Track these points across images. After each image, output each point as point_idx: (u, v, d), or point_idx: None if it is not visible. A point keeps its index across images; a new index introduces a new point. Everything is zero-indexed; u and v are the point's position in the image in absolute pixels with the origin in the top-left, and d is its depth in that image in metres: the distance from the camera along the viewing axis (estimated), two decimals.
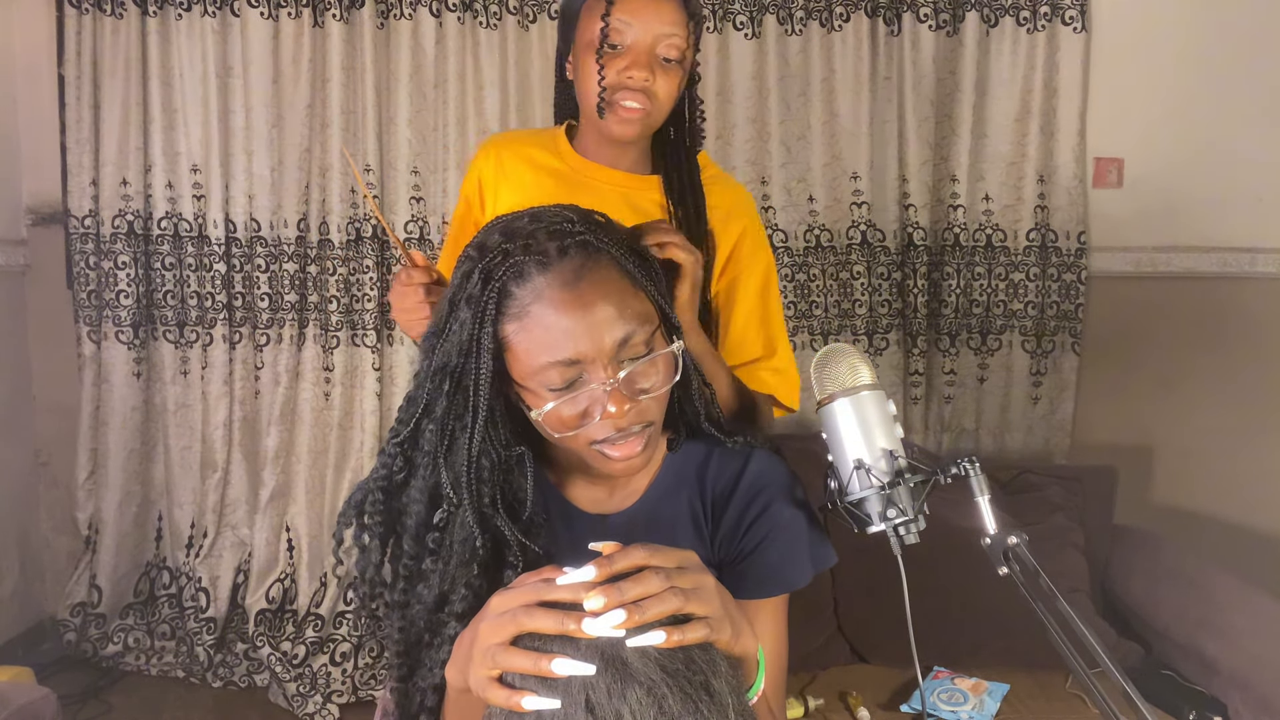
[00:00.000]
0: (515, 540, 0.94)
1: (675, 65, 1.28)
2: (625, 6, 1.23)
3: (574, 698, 0.70)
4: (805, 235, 2.80)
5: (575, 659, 0.70)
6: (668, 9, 1.25)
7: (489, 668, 0.74)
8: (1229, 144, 2.83)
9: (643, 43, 1.25)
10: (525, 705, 0.71)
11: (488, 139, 1.45)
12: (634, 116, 1.27)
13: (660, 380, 0.94)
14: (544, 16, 2.72)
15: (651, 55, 1.25)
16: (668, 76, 1.27)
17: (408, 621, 0.95)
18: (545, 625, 0.72)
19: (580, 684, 0.70)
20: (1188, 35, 2.80)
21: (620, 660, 0.71)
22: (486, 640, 0.74)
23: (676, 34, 1.25)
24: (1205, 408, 2.89)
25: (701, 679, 0.72)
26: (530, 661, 0.72)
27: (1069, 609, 0.90)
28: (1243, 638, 2.12)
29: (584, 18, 1.28)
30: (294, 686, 2.65)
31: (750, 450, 1.06)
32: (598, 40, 1.25)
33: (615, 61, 1.25)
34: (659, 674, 0.71)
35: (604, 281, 0.91)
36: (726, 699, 0.73)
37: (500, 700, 0.73)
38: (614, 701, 0.69)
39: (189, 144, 2.77)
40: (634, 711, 0.69)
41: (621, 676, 0.70)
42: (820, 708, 2.16)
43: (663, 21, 1.25)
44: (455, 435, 0.94)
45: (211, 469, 2.86)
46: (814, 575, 1.05)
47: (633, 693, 0.70)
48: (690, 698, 0.71)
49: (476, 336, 0.91)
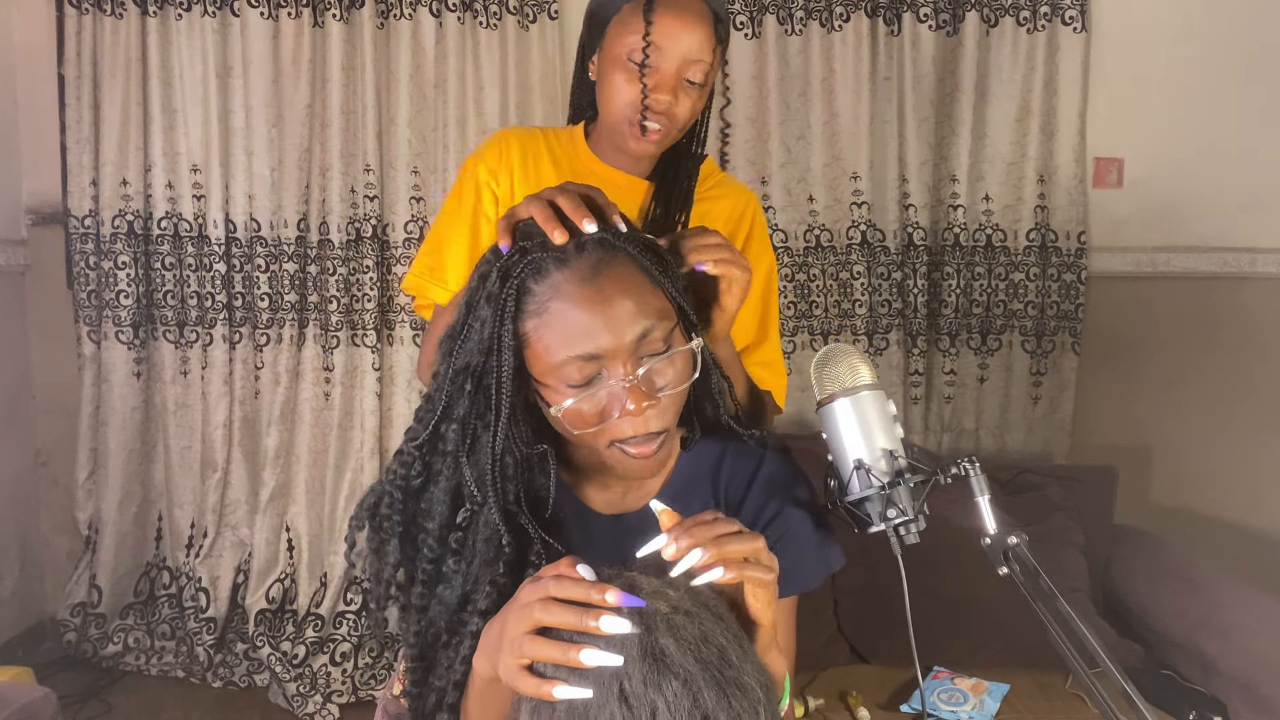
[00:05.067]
0: (539, 537, 0.94)
1: (699, 88, 1.28)
2: (659, 30, 1.23)
3: (607, 687, 0.70)
4: (805, 235, 2.80)
5: (605, 650, 0.70)
6: (699, 34, 1.25)
7: (517, 656, 0.74)
8: (1229, 144, 2.83)
9: (670, 67, 1.25)
10: (556, 694, 0.71)
11: (502, 131, 1.45)
12: (653, 139, 1.29)
13: (679, 377, 0.94)
14: (544, 16, 2.72)
15: (678, 79, 1.26)
16: (690, 99, 1.28)
17: (426, 624, 0.95)
18: (563, 620, 0.73)
19: (614, 673, 0.70)
20: (1188, 35, 2.80)
21: (658, 650, 0.70)
22: (514, 629, 0.75)
23: (704, 60, 1.26)
24: (1205, 408, 2.89)
25: (735, 674, 0.72)
26: (559, 651, 0.72)
27: (1069, 609, 0.90)
28: (1243, 638, 2.12)
29: (614, 28, 1.28)
30: (294, 686, 2.65)
31: (763, 451, 1.07)
32: (627, 57, 1.26)
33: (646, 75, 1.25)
34: (695, 666, 0.70)
35: (622, 277, 0.91)
36: (757, 695, 0.73)
37: (530, 689, 0.73)
38: (650, 692, 0.69)
39: (189, 144, 2.77)
40: (670, 704, 0.69)
41: (658, 668, 0.70)
42: (820, 708, 2.16)
43: (693, 47, 1.25)
44: (478, 434, 0.94)
45: (211, 469, 2.86)
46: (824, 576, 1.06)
47: (669, 685, 0.69)
48: (724, 693, 0.70)
49: (497, 334, 0.91)
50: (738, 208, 1.41)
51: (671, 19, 1.23)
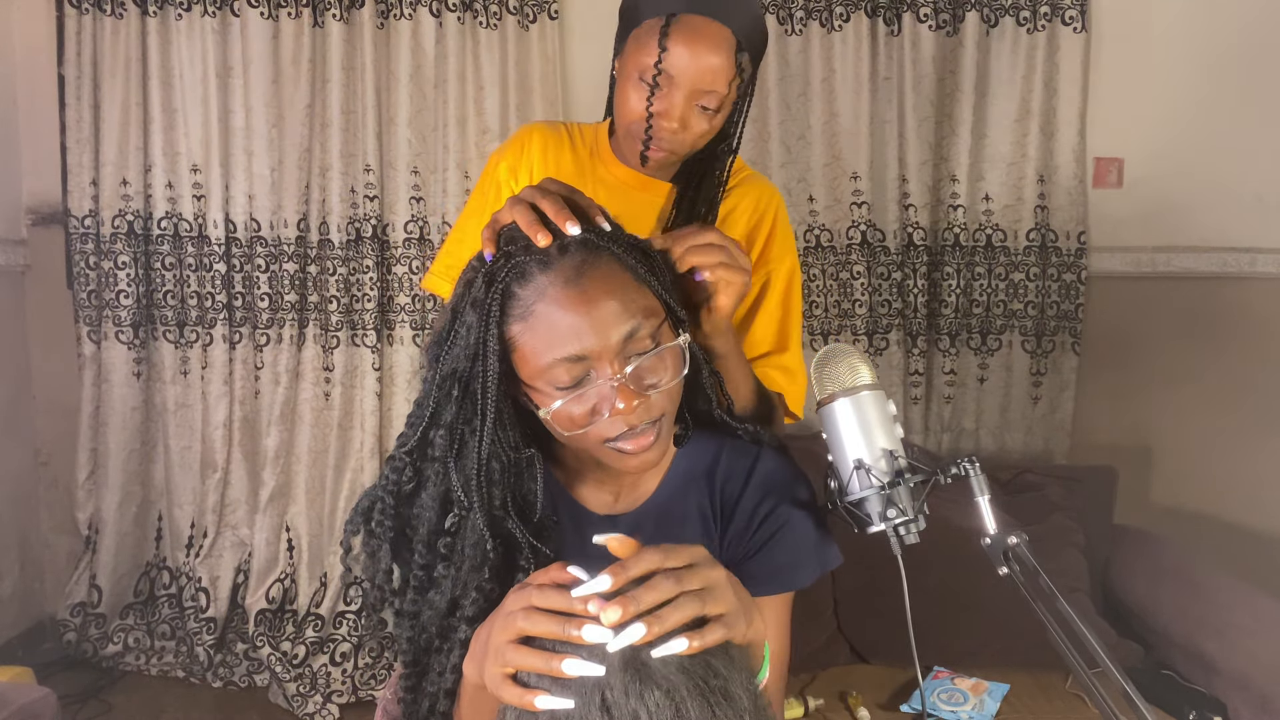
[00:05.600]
0: (526, 542, 0.94)
1: (712, 114, 1.24)
2: (672, 57, 1.19)
3: (589, 697, 0.69)
4: (805, 235, 2.80)
5: (587, 659, 0.70)
6: (715, 62, 1.19)
7: (501, 665, 0.74)
8: (1229, 144, 2.83)
9: (679, 96, 1.21)
10: (538, 704, 0.71)
11: (528, 125, 1.43)
12: (656, 157, 1.26)
13: (668, 374, 0.95)
14: (544, 16, 2.72)
15: (688, 106, 1.22)
16: (703, 122, 1.24)
17: (418, 629, 0.95)
18: (546, 630, 0.72)
19: (596, 683, 0.69)
20: (1188, 35, 2.80)
21: (639, 660, 0.70)
22: (498, 638, 0.74)
23: (717, 90, 1.21)
24: (1205, 408, 2.89)
25: (720, 684, 0.71)
26: (542, 661, 0.71)
27: (1069, 609, 0.90)
28: (1243, 638, 2.12)
29: (633, 41, 1.24)
30: (294, 686, 2.65)
31: (759, 449, 1.06)
32: (639, 75, 1.22)
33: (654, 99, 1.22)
34: (679, 676, 0.70)
35: (606, 277, 0.91)
36: (743, 704, 0.72)
37: (513, 699, 0.73)
38: (631, 702, 0.68)
39: (189, 144, 2.77)
40: (651, 714, 0.68)
41: (640, 677, 0.69)
42: (820, 708, 2.16)
43: (705, 77, 1.20)
44: (465, 439, 0.94)
45: (211, 469, 2.86)
46: (820, 575, 1.05)
47: (651, 695, 0.69)
48: (709, 703, 0.70)
49: (483, 339, 0.92)
50: (759, 207, 1.37)
51: (687, 48, 1.18)
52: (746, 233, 1.36)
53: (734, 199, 1.36)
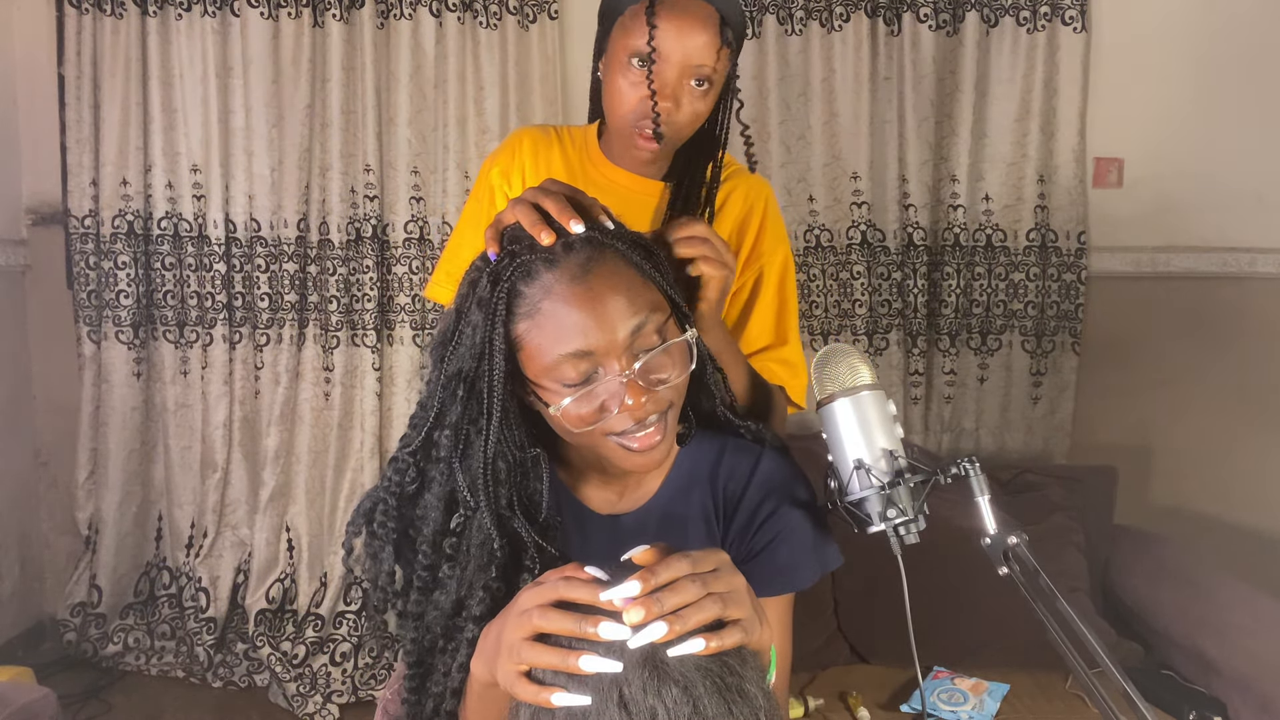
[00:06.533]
0: (532, 542, 0.94)
1: (703, 92, 1.25)
2: (661, 34, 1.20)
3: (606, 693, 0.69)
4: (805, 235, 2.80)
5: (604, 656, 0.70)
6: (703, 38, 1.22)
7: (516, 662, 0.73)
8: (1229, 144, 2.83)
9: (671, 73, 1.23)
10: (554, 702, 0.71)
11: (518, 130, 1.44)
12: (653, 148, 1.27)
13: (676, 370, 0.95)
14: (544, 16, 2.72)
15: (680, 83, 1.23)
16: (694, 102, 1.26)
17: (423, 630, 0.95)
18: (562, 626, 0.72)
19: (613, 679, 0.69)
20: (1188, 35, 2.80)
21: (657, 657, 0.70)
22: (512, 635, 0.74)
23: (707, 64, 1.23)
24: (1205, 408, 2.89)
25: (736, 681, 0.72)
26: (558, 658, 0.71)
27: (1069, 609, 0.90)
28: (1243, 638, 2.12)
29: (618, 30, 1.26)
30: (294, 686, 2.65)
31: (761, 449, 1.07)
32: (629, 60, 1.24)
33: (642, 87, 1.23)
34: (695, 674, 0.70)
35: (612, 274, 0.92)
36: (759, 702, 0.73)
37: (529, 696, 0.73)
38: (649, 698, 0.69)
39: (189, 144, 2.77)
40: (669, 710, 0.68)
41: (658, 674, 0.70)
42: (820, 708, 2.16)
43: (695, 51, 1.22)
44: (470, 439, 0.94)
45: (211, 469, 2.86)
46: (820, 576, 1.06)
47: (669, 691, 0.69)
48: (725, 700, 0.70)
49: (489, 338, 0.91)
50: (748, 201, 1.38)
51: (674, 23, 1.20)
52: (737, 226, 1.37)
53: (722, 193, 1.37)
